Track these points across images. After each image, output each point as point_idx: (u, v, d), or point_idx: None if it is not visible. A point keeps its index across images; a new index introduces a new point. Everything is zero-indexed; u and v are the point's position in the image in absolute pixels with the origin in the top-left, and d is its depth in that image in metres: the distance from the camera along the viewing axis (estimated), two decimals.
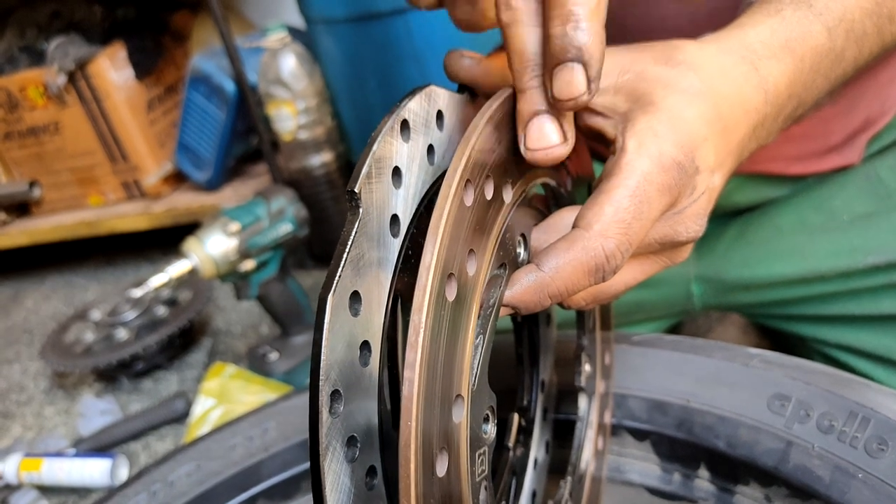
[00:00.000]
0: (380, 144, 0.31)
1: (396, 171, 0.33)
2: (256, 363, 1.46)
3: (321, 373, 0.28)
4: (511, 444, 0.45)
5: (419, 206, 0.34)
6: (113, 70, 1.97)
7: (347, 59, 1.68)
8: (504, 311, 0.37)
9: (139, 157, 2.09)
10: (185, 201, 2.08)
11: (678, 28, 0.66)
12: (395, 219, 0.33)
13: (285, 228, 1.34)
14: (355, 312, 0.30)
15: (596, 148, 0.46)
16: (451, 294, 0.30)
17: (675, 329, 0.91)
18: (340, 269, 0.29)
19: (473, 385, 0.32)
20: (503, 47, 0.42)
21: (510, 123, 0.36)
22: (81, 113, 2.03)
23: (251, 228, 1.29)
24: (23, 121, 2.09)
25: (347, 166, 1.88)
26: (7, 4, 2.14)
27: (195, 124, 1.94)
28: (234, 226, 1.27)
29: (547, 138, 0.36)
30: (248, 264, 1.30)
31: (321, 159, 1.80)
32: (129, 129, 2.04)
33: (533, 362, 0.48)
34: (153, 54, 2.04)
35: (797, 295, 0.74)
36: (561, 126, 0.36)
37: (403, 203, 0.33)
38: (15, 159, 2.20)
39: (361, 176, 0.30)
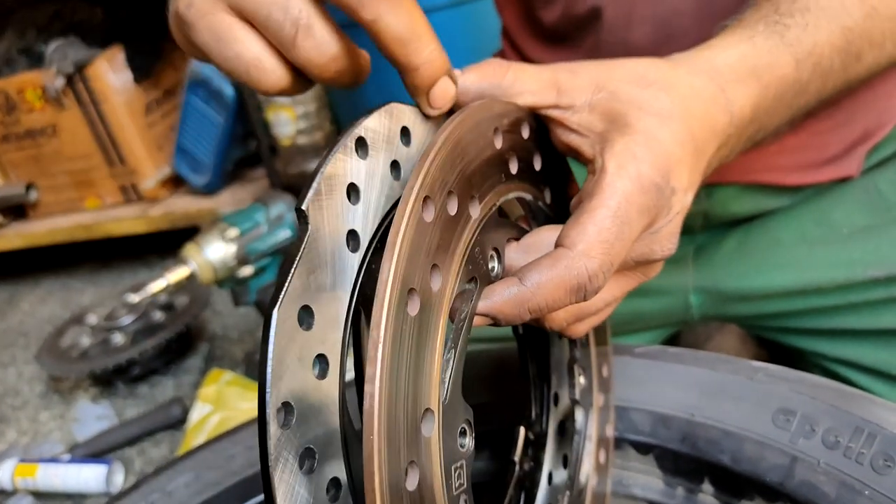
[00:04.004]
0: (330, 163, 0.32)
1: (353, 188, 0.33)
2: (254, 369, 1.45)
3: (268, 386, 0.29)
4: (517, 458, 0.45)
5: (383, 220, 0.35)
6: (111, 73, 1.97)
7: None
8: (482, 321, 0.37)
9: (137, 161, 2.08)
10: (182, 205, 2.08)
11: (683, 48, 0.66)
12: (352, 234, 0.33)
13: (284, 234, 1.34)
14: (308, 326, 0.30)
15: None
16: (413, 309, 0.30)
17: (673, 338, 0.91)
18: (287, 284, 0.30)
19: (445, 399, 0.32)
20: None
21: (475, 140, 0.36)
22: (79, 116, 2.02)
23: (250, 234, 1.29)
24: (20, 123, 2.08)
25: None
26: (7, 6, 2.14)
27: (194, 128, 1.94)
28: (233, 231, 1.26)
29: (450, 90, 0.38)
30: (247, 270, 1.30)
31: None
32: (127, 132, 2.04)
33: (543, 375, 0.48)
34: (152, 57, 2.04)
35: (796, 307, 0.74)
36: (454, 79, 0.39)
37: (363, 218, 0.34)
38: (12, 161, 2.20)
39: (309, 194, 0.31)
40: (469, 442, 0.34)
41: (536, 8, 0.78)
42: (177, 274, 1.23)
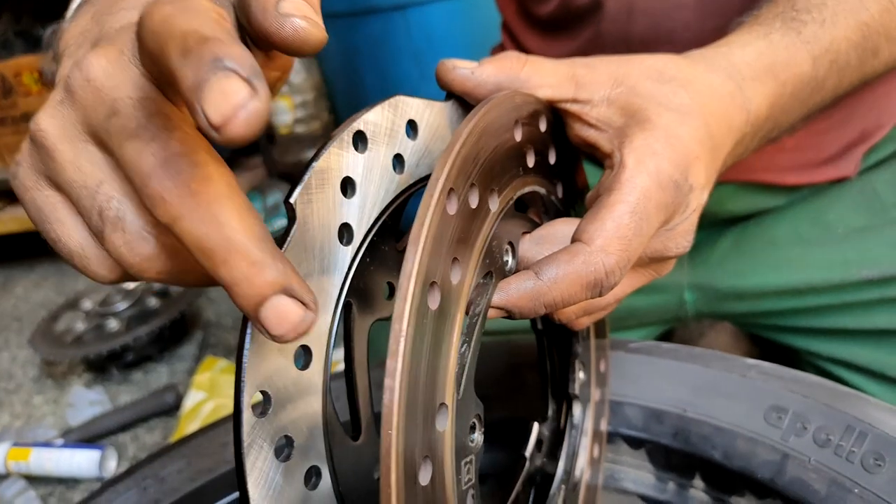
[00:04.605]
0: (322, 157, 0.32)
1: (348, 182, 0.33)
2: None
3: (243, 375, 0.29)
4: (528, 453, 0.45)
5: (381, 214, 0.35)
6: None
7: (345, 54, 1.68)
8: (496, 314, 0.37)
9: None
10: None
11: (684, 41, 0.66)
12: (346, 227, 0.33)
13: (281, 223, 1.34)
14: None
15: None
16: (433, 303, 0.29)
17: (667, 334, 0.91)
18: None
19: (458, 394, 0.32)
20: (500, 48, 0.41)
21: (497, 131, 0.36)
22: None
23: None
24: (17, 106, 2.07)
25: None
26: None
27: None
28: None
29: (290, 314, 0.26)
30: None
31: None
32: None
33: (563, 373, 0.48)
34: None
35: (790, 306, 0.74)
36: (301, 299, 0.26)
37: (359, 212, 0.34)
38: (8, 145, 2.19)
39: (298, 188, 0.31)
40: (478, 437, 0.34)
41: (529, 2, 0.78)
42: None
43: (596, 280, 0.37)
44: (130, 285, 1.28)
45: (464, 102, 0.40)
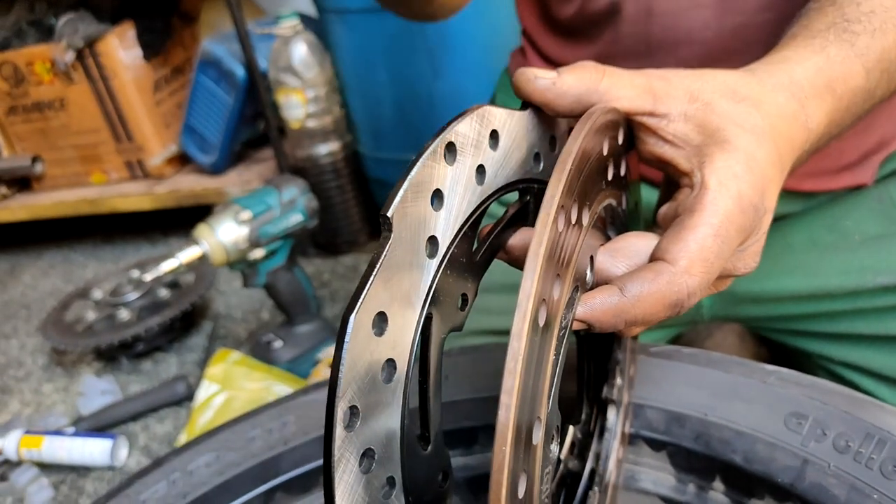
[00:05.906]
0: (419, 169, 0.32)
1: (437, 194, 0.33)
2: (260, 350, 1.46)
3: (338, 390, 0.29)
4: (563, 456, 0.45)
5: (462, 226, 0.35)
6: (122, 49, 1.96)
7: (359, 50, 1.68)
8: (577, 326, 0.37)
9: (144, 138, 2.08)
10: (188, 184, 2.08)
11: (704, 41, 0.67)
12: (432, 240, 0.33)
13: (296, 219, 1.34)
14: (380, 332, 0.31)
15: (646, 172, 0.47)
16: (542, 320, 0.30)
17: (676, 336, 0.93)
18: (366, 290, 0.30)
19: (549, 406, 0.32)
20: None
21: (593, 147, 0.36)
22: (88, 90, 2.02)
23: (262, 217, 1.30)
24: (28, 95, 2.08)
25: (354, 156, 1.88)
26: None
27: (203, 108, 1.94)
28: (246, 214, 1.27)
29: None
30: (258, 253, 1.31)
31: (328, 148, 1.81)
32: (136, 108, 2.04)
33: (600, 377, 0.48)
34: (162, 35, 2.03)
35: (805, 311, 0.75)
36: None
37: (444, 224, 0.34)
38: (18, 133, 2.19)
39: (396, 201, 0.31)
40: (556, 447, 0.34)
41: (551, 4, 0.78)
42: (189, 254, 1.24)
43: (678, 301, 0.37)
44: (146, 278, 1.29)
45: (541, 111, 0.40)
